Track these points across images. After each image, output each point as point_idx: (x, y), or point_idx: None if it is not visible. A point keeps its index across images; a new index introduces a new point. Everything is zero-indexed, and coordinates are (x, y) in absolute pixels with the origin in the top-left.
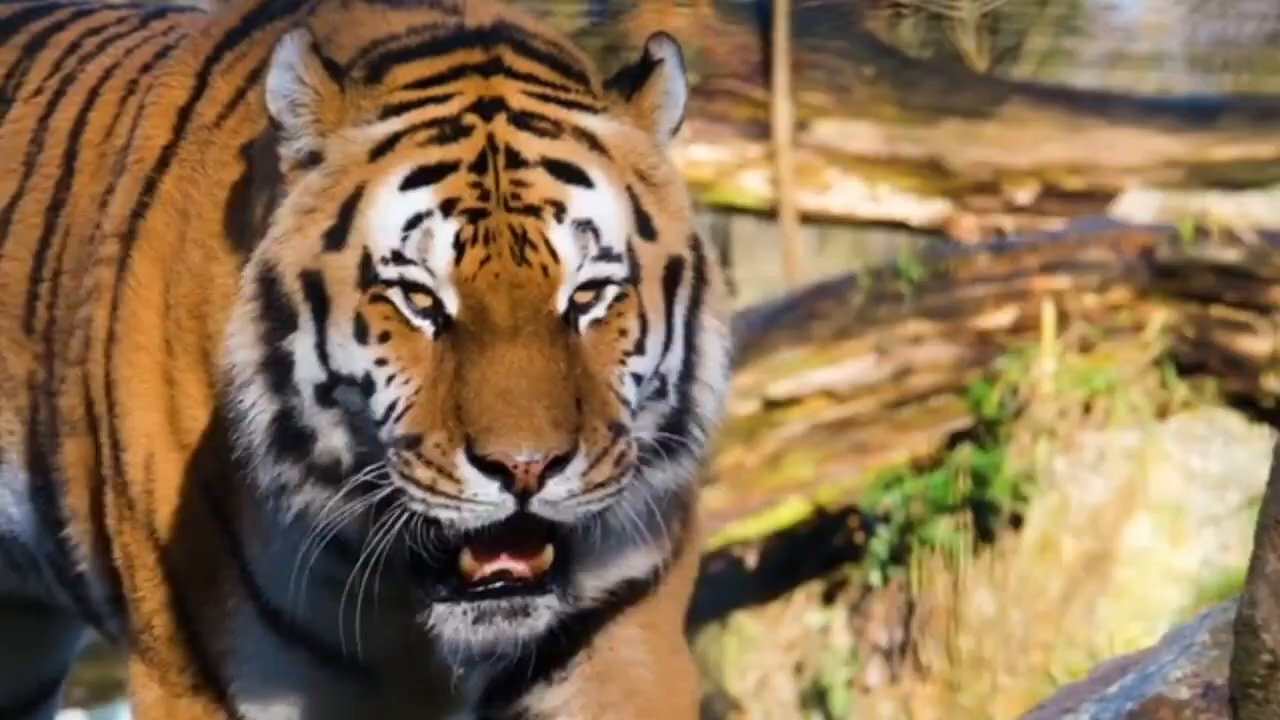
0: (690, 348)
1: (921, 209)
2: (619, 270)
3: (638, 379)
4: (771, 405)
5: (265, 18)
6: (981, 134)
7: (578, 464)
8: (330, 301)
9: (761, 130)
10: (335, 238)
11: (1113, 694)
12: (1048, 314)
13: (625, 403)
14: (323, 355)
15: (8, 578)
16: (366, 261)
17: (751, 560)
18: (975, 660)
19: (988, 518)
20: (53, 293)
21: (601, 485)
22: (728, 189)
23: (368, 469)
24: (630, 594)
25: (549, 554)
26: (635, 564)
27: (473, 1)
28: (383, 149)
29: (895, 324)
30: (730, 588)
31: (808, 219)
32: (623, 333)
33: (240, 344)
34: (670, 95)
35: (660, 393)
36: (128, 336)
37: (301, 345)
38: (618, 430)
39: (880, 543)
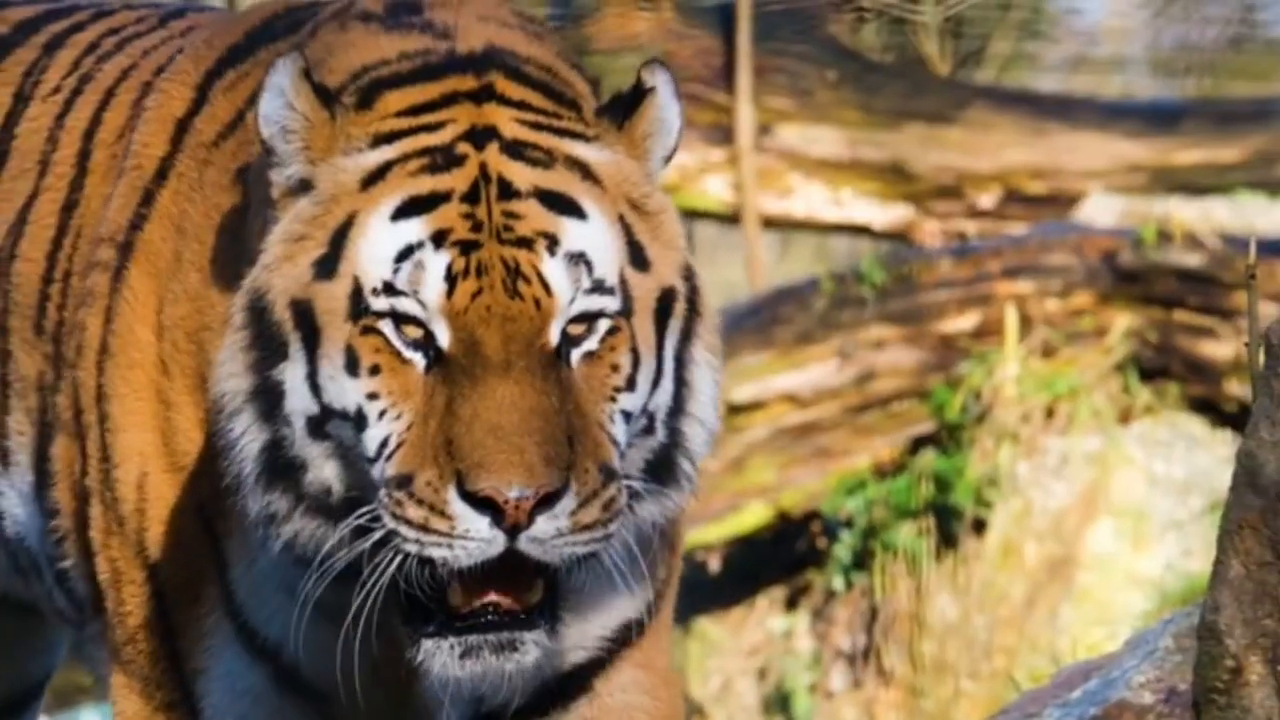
0: (680, 381)
1: (884, 213)
2: (612, 303)
3: (627, 416)
4: (734, 410)
5: (269, 36)
6: (944, 138)
7: (567, 502)
8: (321, 332)
9: (724, 134)
10: (326, 267)
11: (1075, 699)
12: (1010, 318)
13: (616, 444)
14: (314, 387)
15: (13, 581)
16: (357, 292)
17: (714, 565)
18: (938, 665)
19: (950, 522)
20: (63, 294)
21: (588, 528)
22: (690, 193)
23: (359, 513)
24: (627, 635)
25: (538, 588)
26: (631, 605)
27: (464, 24)
28: (374, 178)
29: (858, 328)
30: (693, 593)
31: (770, 223)
32: (615, 368)
33: (230, 373)
34: (663, 123)
35: (648, 430)
36: (123, 352)
37: (292, 375)
38: (609, 475)
39: (843, 548)
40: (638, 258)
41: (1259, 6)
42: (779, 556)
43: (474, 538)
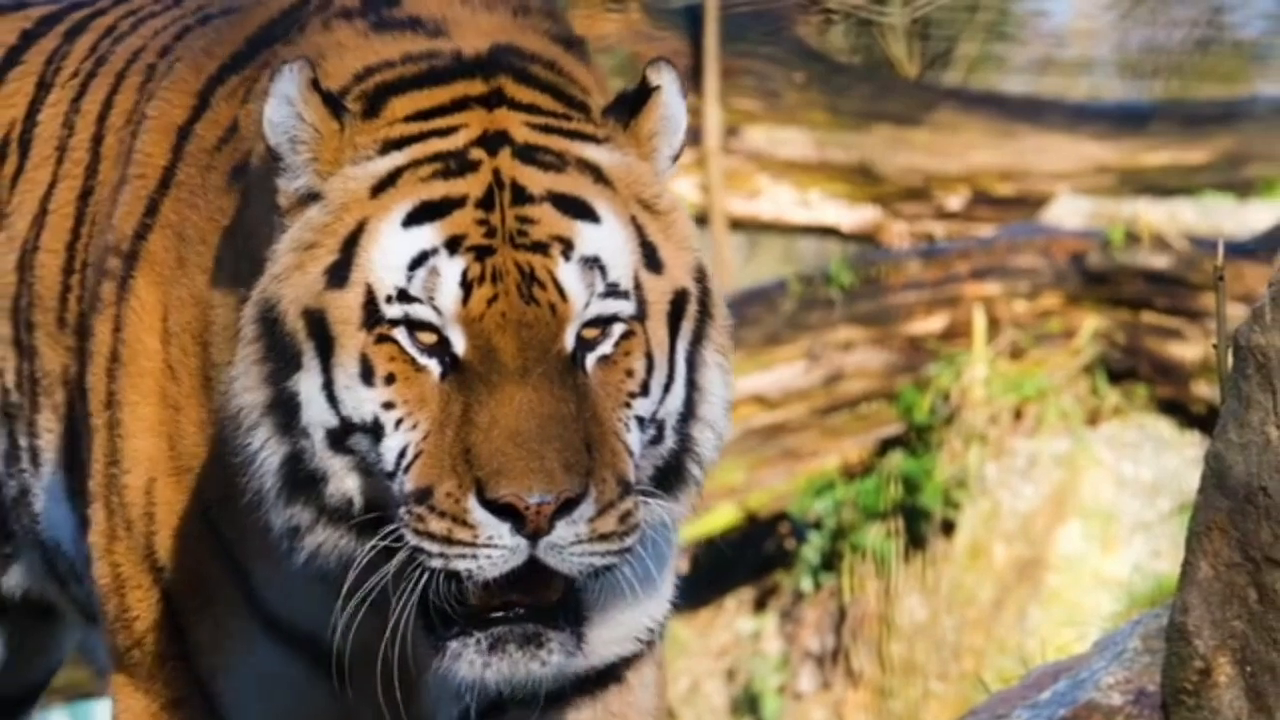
0: (692, 385)
1: (852, 215)
2: (626, 307)
3: (641, 422)
4: None
5: (269, 40)
6: (912, 140)
7: (586, 509)
8: (335, 341)
9: (691, 136)
10: (338, 275)
11: (1045, 700)
12: (978, 320)
13: (630, 453)
14: (331, 398)
15: (47, 586)
16: (371, 300)
17: (683, 566)
18: (907, 666)
19: (919, 524)
20: (82, 285)
21: (605, 538)
22: None
23: (382, 533)
24: (661, 630)
25: (557, 588)
26: (668, 599)
27: (451, 15)
28: (384, 184)
29: (826, 330)
30: None
31: (738, 225)
32: (629, 373)
33: (245, 386)
34: (669, 122)
35: (657, 439)
36: (133, 361)
37: (307, 386)
38: (625, 488)
39: (811, 549)
40: (651, 259)
41: (1226, 8)
42: (747, 558)
43: (497, 545)
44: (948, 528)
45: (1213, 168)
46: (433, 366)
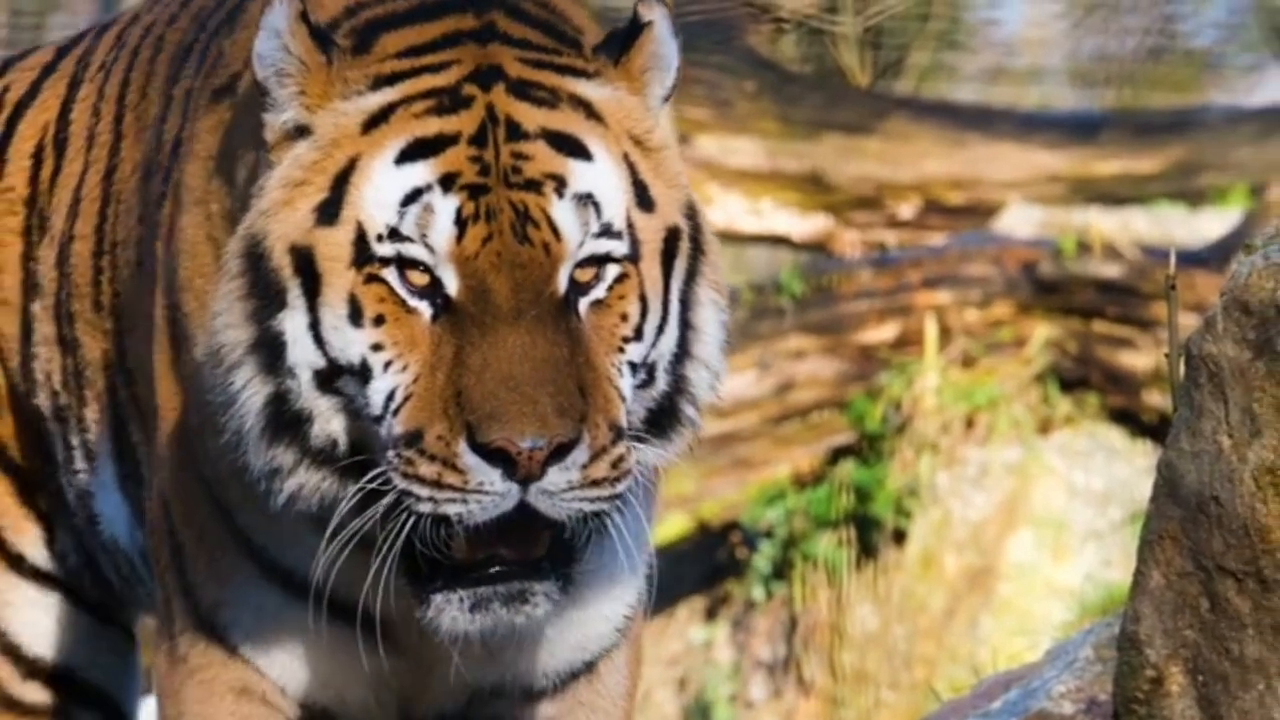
0: (685, 324)
1: (803, 224)
2: (619, 247)
3: (634, 367)
4: None
5: None
6: (863, 149)
7: (579, 454)
8: (322, 280)
9: None
10: (328, 212)
11: (996, 709)
12: (930, 329)
13: (623, 399)
14: (318, 338)
15: (133, 595)
16: (361, 238)
17: None
18: (858, 675)
19: (870, 533)
20: (113, 266)
21: (598, 483)
22: None
23: (369, 476)
24: (634, 609)
25: (544, 542)
26: (642, 576)
27: None
28: (376, 120)
29: (777, 339)
30: None
31: None
32: (623, 317)
33: (227, 323)
34: (661, 58)
35: (648, 382)
36: (156, 325)
37: (292, 325)
38: (618, 433)
39: (763, 558)
40: (643, 198)
41: (1178, 17)
42: (699, 567)
43: (488, 491)
44: (899, 537)
45: (1164, 177)
46: (423, 308)
